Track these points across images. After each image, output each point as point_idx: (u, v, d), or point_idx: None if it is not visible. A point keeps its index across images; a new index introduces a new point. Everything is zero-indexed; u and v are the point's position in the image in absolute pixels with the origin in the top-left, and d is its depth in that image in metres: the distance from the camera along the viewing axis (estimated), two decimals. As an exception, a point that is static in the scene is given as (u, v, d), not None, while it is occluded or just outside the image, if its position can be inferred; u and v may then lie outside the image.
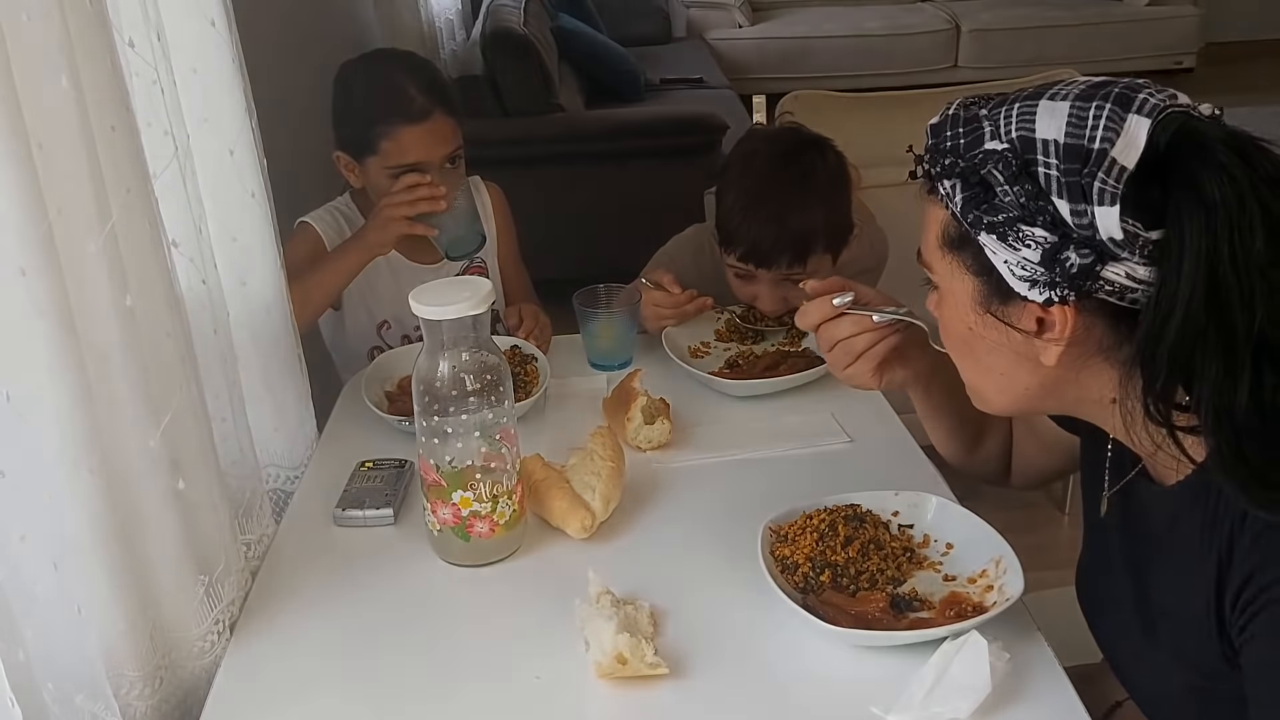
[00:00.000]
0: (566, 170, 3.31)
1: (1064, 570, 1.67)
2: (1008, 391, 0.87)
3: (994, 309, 0.82)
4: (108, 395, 0.84)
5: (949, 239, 0.84)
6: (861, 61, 5.58)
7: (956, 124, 0.81)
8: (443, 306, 1.01)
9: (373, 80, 1.58)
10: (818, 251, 1.51)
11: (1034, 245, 0.76)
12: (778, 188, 1.50)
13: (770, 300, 1.54)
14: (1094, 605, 1.00)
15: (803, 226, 1.48)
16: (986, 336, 0.84)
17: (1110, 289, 0.75)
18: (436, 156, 1.55)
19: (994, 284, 0.81)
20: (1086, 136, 0.73)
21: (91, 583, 0.85)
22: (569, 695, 0.93)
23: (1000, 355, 0.84)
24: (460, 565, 1.10)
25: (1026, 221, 0.76)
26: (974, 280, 0.83)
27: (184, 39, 1.04)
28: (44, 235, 0.74)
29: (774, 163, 1.53)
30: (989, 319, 0.83)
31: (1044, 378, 0.84)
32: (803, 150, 1.54)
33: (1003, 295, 0.81)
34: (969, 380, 0.92)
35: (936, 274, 0.87)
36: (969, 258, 0.82)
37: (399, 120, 1.53)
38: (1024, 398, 0.87)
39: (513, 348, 1.47)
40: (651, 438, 1.29)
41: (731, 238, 1.51)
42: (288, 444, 1.28)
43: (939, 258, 0.86)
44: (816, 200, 1.50)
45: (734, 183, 1.54)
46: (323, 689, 0.95)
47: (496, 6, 3.60)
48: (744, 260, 1.51)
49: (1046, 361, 0.81)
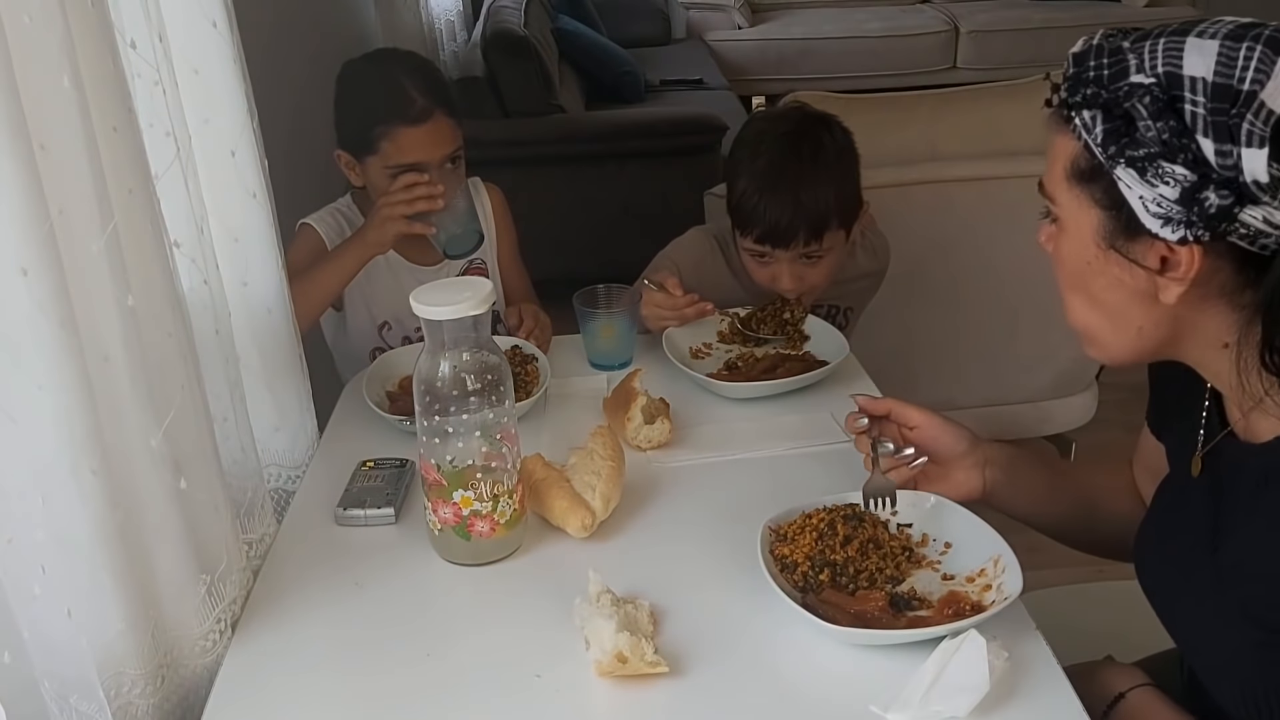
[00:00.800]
0: (566, 170, 3.31)
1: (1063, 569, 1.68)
2: (1119, 331, 0.86)
3: (1118, 244, 0.81)
4: (109, 395, 0.84)
5: (1078, 171, 0.82)
6: (860, 63, 5.58)
7: (1101, 54, 0.80)
8: (444, 307, 1.01)
9: (373, 80, 1.59)
10: (833, 227, 1.52)
11: (1173, 183, 0.75)
12: (790, 166, 1.51)
13: (790, 279, 1.55)
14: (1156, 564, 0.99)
15: (817, 202, 1.50)
16: (1105, 272, 0.83)
17: (1244, 232, 0.75)
18: (436, 157, 1.55)
19: (1123, 219, 0.80)
20: (1236, 77, 0.73)
21: (92, 582, 0.85)
22: (569, 694, 0.93)
23: (1116, 292, 0.83)
24: (461, 565, 1.10)
25: (1168, 158, 0.75)
26: (1101, 214, 0.81)
27: (185, 40, 1.04)
28: (46, 235, 0.74)
29: (783, 142, 1.55)
30: (1111, 254, 0.82)
31: (1159, 318, 0.83)
32: (810, 128, 1.56)
33: (1130, 231, 0.79)
34: (1078, 320, 0.89)
35: (1059, 205, 0.85)
36: (1099, 191, 0.81)
37: (399, 121, 1.53)
38: (1135, 339, 0.86)
39: (513, 348, 1.47)
40: (651, 438, 1.29)
41: (748, 220, 1.52)
42: (289, 443, 1.28)
43: (1064, 190, 0.84)
44: (828, 175, 1.52)
45: (744, 166, 1.55)
46: (324, 688, 0.96)
47: (497, 7, 3.60)
48: (761, 241, 1.52)
49: (1165, 300, 0.80)
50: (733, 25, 5.73)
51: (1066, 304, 0.90)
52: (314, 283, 1.50)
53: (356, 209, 1.67)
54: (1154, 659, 1.16)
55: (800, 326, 1.55)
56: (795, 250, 1.52)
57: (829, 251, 1.55)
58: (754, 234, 1.52)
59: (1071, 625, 1.02)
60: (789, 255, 1.53)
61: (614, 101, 4.11)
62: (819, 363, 1.45)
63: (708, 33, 5.65)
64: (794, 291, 1.56)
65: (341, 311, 1.69)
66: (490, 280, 1.59)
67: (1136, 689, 1.01)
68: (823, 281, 1.58)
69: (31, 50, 0.74)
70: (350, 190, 1.70)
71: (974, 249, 2.17)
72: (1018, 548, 1.00)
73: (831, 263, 1.57)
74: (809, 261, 1.54)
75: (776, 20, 5.91)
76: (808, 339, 1.54)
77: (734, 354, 1.52)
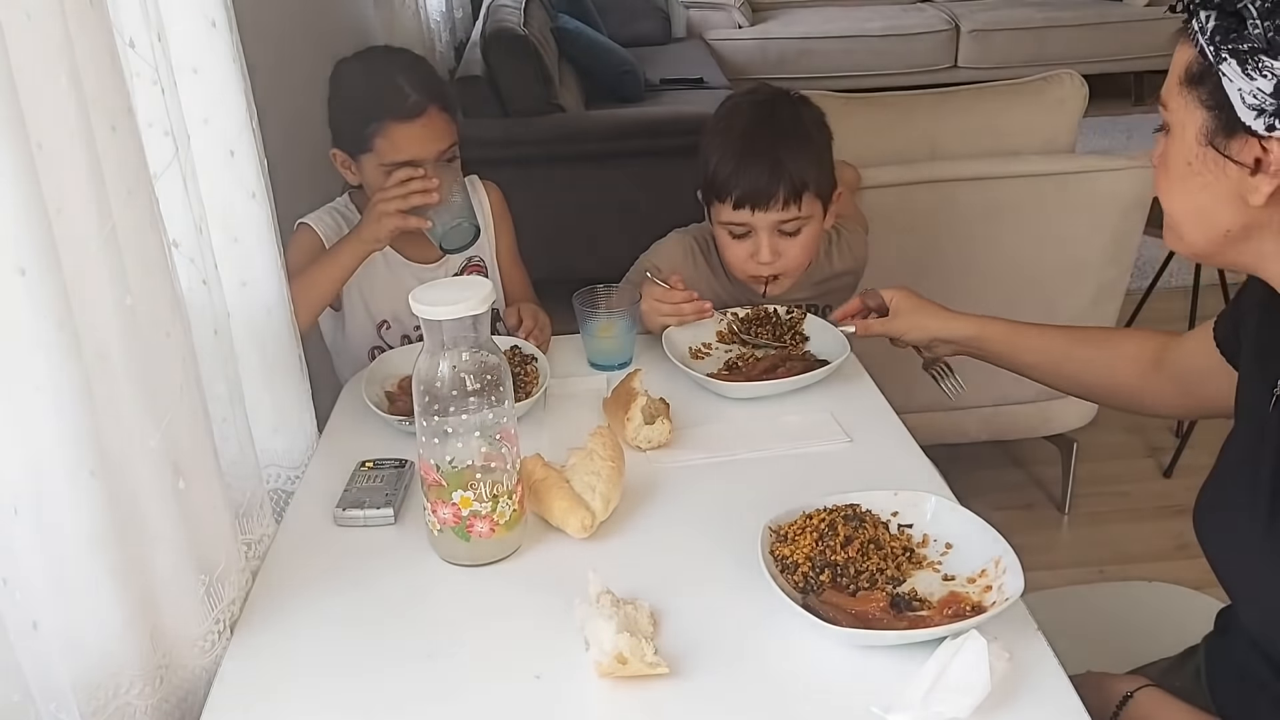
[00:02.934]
0: (566, 170, 3.31)
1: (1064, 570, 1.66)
2: (1206, 230, 0.92)
3: (1217, 142, 0.87)
4: (108, 395, 0.84)
5: (1191, 75, 0.88)
6: (861, 62, 5.58)
7: None
8: (443, 307, 1.01)
9: (367, 78, 1.59)
10: (810, 191, 1.51)
11: (1270, 77, 0.81)
12: (766, 131, 1.52)
13: (768, 250, 1.53)
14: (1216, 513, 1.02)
15: (795, 164, 1.50)
16: (1202, 173, 0.89)
17: None
18: (431, 153, 1.55)
19: (1223, 119, 0.85)
20: None
21: (91, 582, 0.85)
22: (569, 695, 0.93)
23: (1209, 193, 0.89)
24: (460, 565, 1.10)
25: (1270, 54, 0.81)
26: (1205, 114, 0.87)
27: (185, 39, 1.04)
28: (44, 235, 0.74)
29: (758, 110, 1.55)
30: (1209, 153, 0.87)
31: (1247, 221, 0.88)
32: (783, 100, 1.57)
33: (1228, 130, 0.85)
34: (1172, 215, 0.95)
35: (1170, 111, 0.91)
36: (1205, 93, 0.86)
37: (393, 118, 1.53)
38: (1219, 241, 0.91)
39: (513, 348, 1.47)
40: (651, 438, 1.29)
41: (725, 185, 1.51)
42: (288, 444, 1.28)
43: (1176, 94, 0.90)
44: (805, 143, 1.52)
45: (718, 138, 1.54)
46: (323, 688, 0.95)
47: (496, 6, 3.60)
48: (740, 205, 1.50)
49: (1254, 201, 0.85)
50: (733, 24, 5.73)
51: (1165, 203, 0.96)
52: (312, 281, 1.49)
53: (354, 208, 1.67)
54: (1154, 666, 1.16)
55: (799, 328, 1.55)
56: (774, 215, 1.50)
57: (807, 222, 1.53)
58: (732, 198, 1.50)
59: (1072, 626, 1.02)
60: (768, 224, 1.51)
61: (614, 101, 4.11)
62: (819, 362, 1.45)
63: (708, 32, 5.65)
64: (771, 269, 1.54)
65: (340, 311, 1.68)
66: (489, 279, 1.59)
67: (1143, 689, 1.01)
68: (800, 260, 1.56)
69: (30, 49, 0.74)
70: (347, 190, 1.70)
71: (974, 249, 2.17)
72: (1019, 549, 1.00)
73: (808, 240, 1.55)
74: (786, 235, 1.53)
75: (777, 19, 5.91)
76: (807, 339, 1.54)
77: (734, 354, 1.52)
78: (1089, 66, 4.83)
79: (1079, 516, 2.52)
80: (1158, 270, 3.32)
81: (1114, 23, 5.64)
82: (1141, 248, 2.26)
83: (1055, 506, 2.55)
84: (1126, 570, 2.30)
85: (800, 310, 1.57)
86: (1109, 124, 5.33)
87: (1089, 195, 2.11)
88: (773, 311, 1.57)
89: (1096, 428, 2.51)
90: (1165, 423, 2.86)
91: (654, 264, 1.66)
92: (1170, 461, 2.65)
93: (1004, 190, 2.13)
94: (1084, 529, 2.48)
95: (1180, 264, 3.34)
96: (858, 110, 2.30)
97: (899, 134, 2.25)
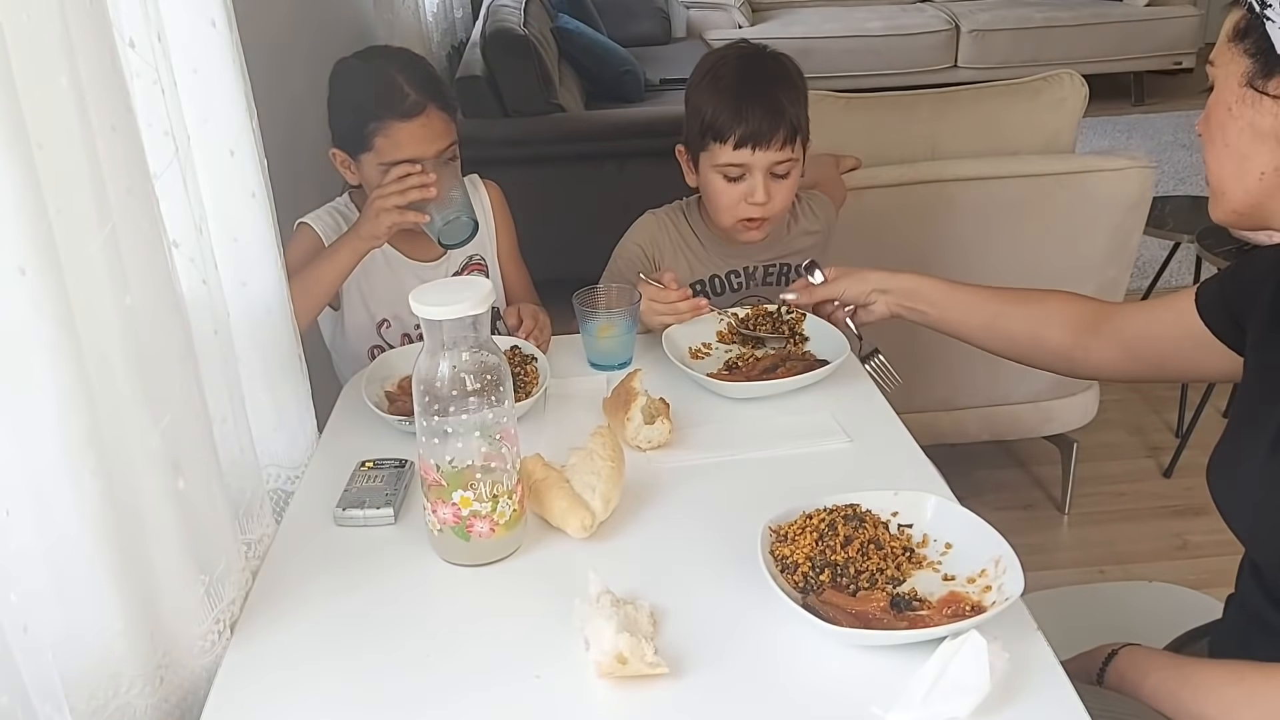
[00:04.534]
0: (566, 170, 3.31)
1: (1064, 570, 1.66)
2: (1244, 179, 0.99)
3: (1256, 82, 0.95)
4: (108, 395, 0.84)
5: (1238, 30, 0.96)
6: (861, 62, 5.59)
7: None
8: (443, 306, 1.01)
9: (367, 77, 1.59)
10: (800, 134, 1.59)
11: None
12: (760, 76, 1.59)
13: (763, 191, 1.58)
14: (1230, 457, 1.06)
15: (792, 107, 1.57)
16: (1241, 116, 0.97)
17: None
18: (431, 152, 1.55)
19: (1265, 61, 0.94)
20: None
21: (90, 582, 0.85)
22: (569, 695, 0.93)
23: (1247, 136, 0.97)
24: (460, 565, 1.10)
25: None
26: (1248, 61, 0.95)
27: (185, 39, 1.04)
28: (44, 235, 0.74)
29: (745, 61, 1.62)
30: (1249, 94, 0.95)
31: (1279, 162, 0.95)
32: (765, 53, 1.64)
33: (1268, 70, 0.93)
34: (1212, 171, 1.02)
35: (1217, 66, 0.99)
36: (1251, 43, 0.95)
37: (392, 116, 1.53)
38: (1255, 189, 0.98)
39: (513, 348, 1.47)
40: (651, 438, 1.29)
41: (726, 127, 1.56)
42: (288, 444, 1.28)
43: (1224, 50, 0.98)
44: (794, 87, 1.60)
45: (710, 87, 1.60)
46: (323, 688, 0.95)
47: (496, 6, 3.60)
48: (742, 144, 1.56)
49: None
50: (733, 24, 5.74)
51: (1206, 155, 1.03)
52: (311, 280, 1.49)
53: (354, 207, 1.67)
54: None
55: (799, 328, 1.55)
56: (772, 155, 1.56)
57: (794, 166, 1.61)
58: (735, 137, 1.55)
59: (1072, 626, 1.02)
60: (764, 164, 1.57)
61: (614, 101, 4.11)
62: (819, 362, 1.45)
63: (708, 32, 5.65)
64: (764, 212, 1.60)
65: (339, 310, 1.68)
66: (490, 279, 1.59)
67: (1125, 646, 1.03)
68: (785, 205, 1.63)
69: (30, 49, 0.74)
70: (347, 189, 1.70)
71: (974, 249, 2.17)
72: (1019, 549, 1.00)
73: (792, 185, 1.62)
74: (777, 177, 1.59)
75: (777, 19, 5.91)
76: (807, 340, 1.54)
77: (733, 354, 1.52)
78: (1089, 66, 4.85)
79: (1079, 516, 2.52)
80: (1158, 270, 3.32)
81: (1114, 23, 5.64)
82: (1141, 248, 2.26)
83: (1055, 506, 2.55)
84: (1126, 570, 2.30)
85: (799, 313, 1.57)
86: (1109, 124, 5.34)
87: (1089, 195, 2.11)
88: (772, 311, 1.57)
89: (1096, 428, 2.51)
90: (1165, 422, 2.86)
91: (634, 243, 1.70)
92: (1170, 462, 2.65)
93: (1004, 190, 2.13)
94: (1084, 529, 2.48)
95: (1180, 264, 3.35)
96: (858, 110, 2.30)
97: (899, 134, 2.25)
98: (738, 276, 1.72)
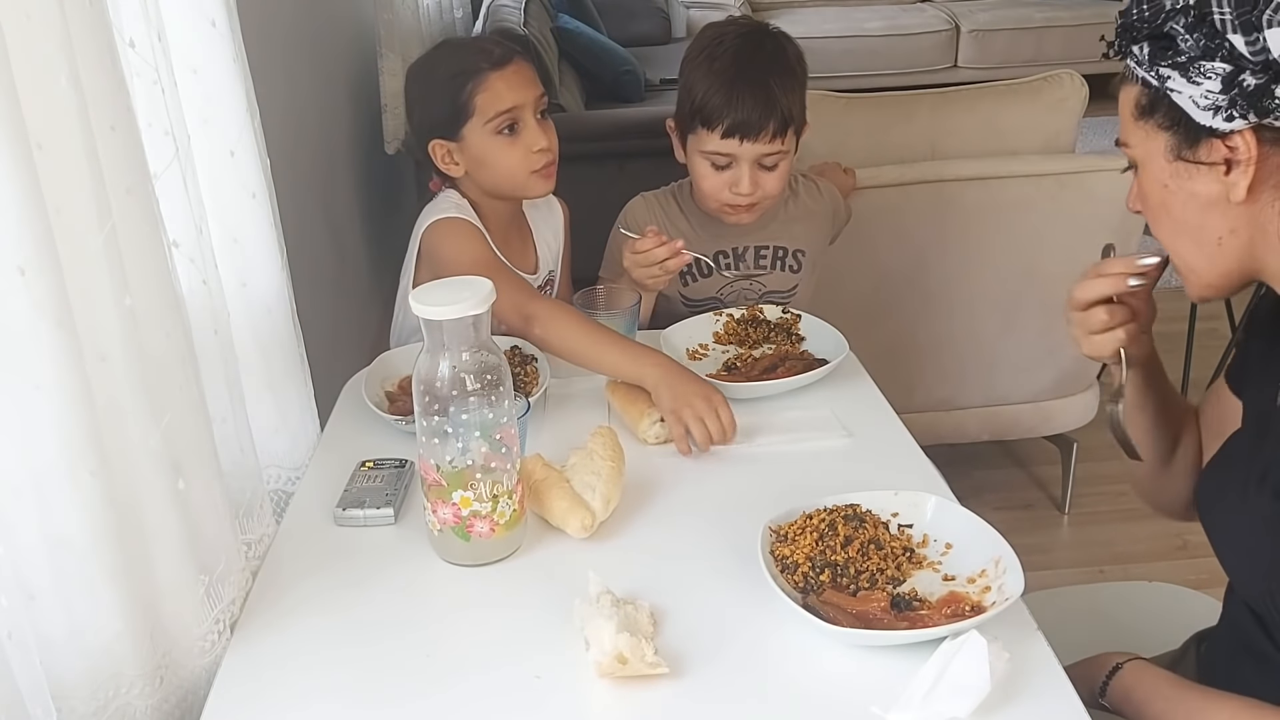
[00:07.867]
0: (566, 170, 3.30)
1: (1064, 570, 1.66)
2: (1204, 248, 0.93)
3: (1184, 154, 0.90)
4: (107, 395, 0.84)
5: (1141, 108, 0.93)
6: (861, 62, 5.58)
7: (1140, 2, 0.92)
8: (443, 307, 1.01)
9: (448, 55, 1.63)
10: (793, 126, 1.54)
11: (1214, 76, 0.85)
12: (756, 62, 1.54)
13: (749, 181, 1.55)
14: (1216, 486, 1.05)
15: (787, 95, 1.52)
16: (1180, 190, 0.92)
17: None
18: (530, 97, 1.57)
19: (1183, 131, 0.89)
20: None
21: (90, 583, 0.85)
22: (569, 695, 0.93)
23: (1192, 205, 0.92)
24: (460, 565, 1.10)
25: (1207, 58, 0.85)
26: (1166, 135, 0.91)
27: (185, 39, 1.04)
28: (44, 235, 0.74)
29: (743, 42, 1.56)
30: (1180, 165, 0.91)
31: (1235, 223, 0.90)
32: (766, 32, 1.59)
33: (1191, 138, 0.89)
34: (1173, 251, 0.98)
35: (1133, 147, 0.96)
36: (1160, 116, 0.91)
37: (487, 68, 1.55)
38: (1219, 254, 0.93)
39: (513, 348, 1.47)
40: (660, 434, 1.30)
41: (716, 115, 1.52)
42: (288, 444, 1.28)
43: (1134, 129, 0.94)
44: (791, 75, 1.55)
45: (704, 67, 1.55)
46: (323, 688, 0.95)
47: (496, 6, 3.60)
48: (730, 135, 1.52)
49: (1235, 198, 0.88)
50: (733, 24, 5.72)
51: (1158, 236, 0.99)
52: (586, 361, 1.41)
53: (466, 200, 1.63)
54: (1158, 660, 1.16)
55: (795, 328, 1.55)
56: (760, 147, 1.53)
57: (785, 157, 1.57)
58: (723, 127, 1.52)
59: (1072, 626, 1.02)
60: (752, 155, 1.54)
61: (614, 101, 4.11)
62: (818, 361, 1.45)
63: (708, 32, 5.64)
64: (749, 198, 1.57)
65: None
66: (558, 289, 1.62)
67: (1131, 661, 1.02)
68: (776, 191, 1.60)
69: (30, 49, 0.74)
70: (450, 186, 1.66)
71: (974, 249, 2.17)
72: (1019, 549, 1.00)
73: (782, 174, 1.59)
74: (765, 167, 1.56)
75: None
76: (803, 339, 1.54)
77: (731, 354, 1.52)
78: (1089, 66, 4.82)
79: (1079, 516, 2.52)
80: (1158, 270, 3.31)
81: (1114, 23, 5.62)
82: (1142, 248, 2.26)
83: (1055, 506, 2.55)
84: (1126, 570, 2.30)
85: (794, 314, 1.57)
86: (1109, 124, 5.30)
87: (1089, 195, 2.11)
88: (770, 319, 1.57)
89: (1096, 428, 2.51)
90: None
91: (624, 229, 1.70)
92: (1170, 462, 2.65)
93: (1004, 190, 2.13)
94: (1084, 529, 2.48)
95: (1180, 264, 3.35)
96: (858, 110, 2.30)
97: (899, 134, 2.25)
98: (727, 258, 1.70)
